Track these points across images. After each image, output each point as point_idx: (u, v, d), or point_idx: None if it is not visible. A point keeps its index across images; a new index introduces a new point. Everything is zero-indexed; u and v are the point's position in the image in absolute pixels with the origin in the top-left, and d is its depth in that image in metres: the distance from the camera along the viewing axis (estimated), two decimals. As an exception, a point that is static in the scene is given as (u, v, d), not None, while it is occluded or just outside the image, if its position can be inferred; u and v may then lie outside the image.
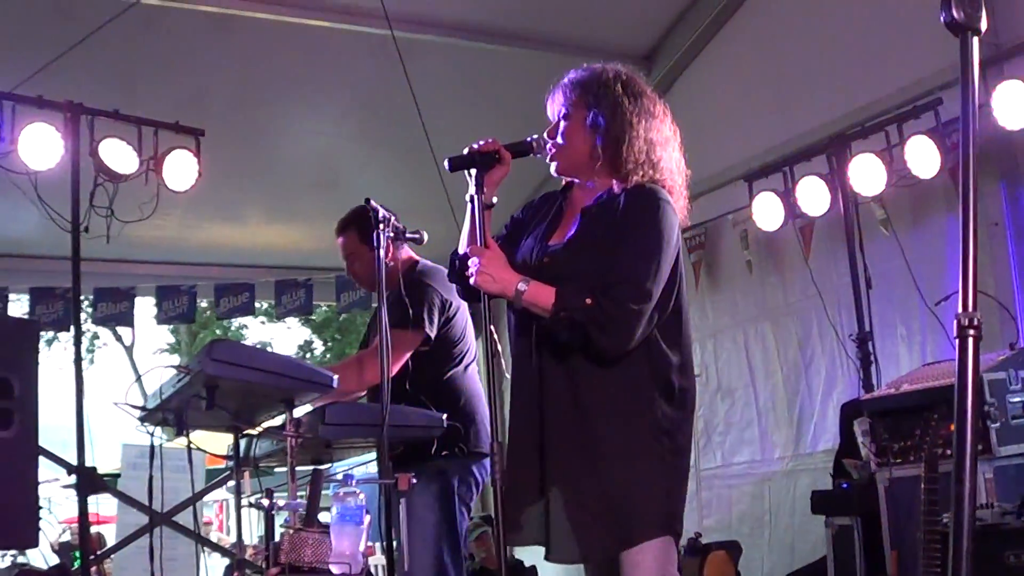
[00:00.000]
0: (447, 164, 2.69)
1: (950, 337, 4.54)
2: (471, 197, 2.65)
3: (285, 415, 3.30)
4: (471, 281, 2.57)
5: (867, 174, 5.08)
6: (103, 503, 5.45)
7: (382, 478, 3.19)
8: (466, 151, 2.67)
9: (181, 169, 5.39)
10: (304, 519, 3.02)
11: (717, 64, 6.57)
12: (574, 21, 6.40)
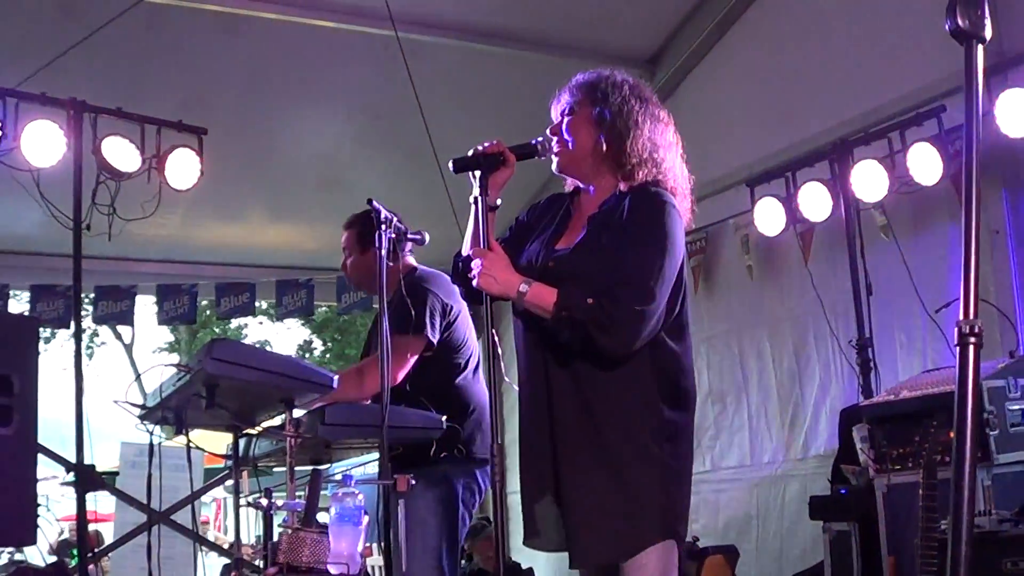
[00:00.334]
0: (451, 165, 2.67)
1: (950, 344, 4.55)
2: (475, 199, 2.64)
3: (285, 415, 3.30)
4: (474, 283, 2.56)
5: (869, 180, 5.08)
6: (101, 501, 5.44)
7: (381, 479, 3.19)
8: (471, 153, 2.65)
9: (183, 168, 5.39)
10: (302, 519, 3.02)
11: (721, 68, 6.56)
12: (579, 24, 6.40)
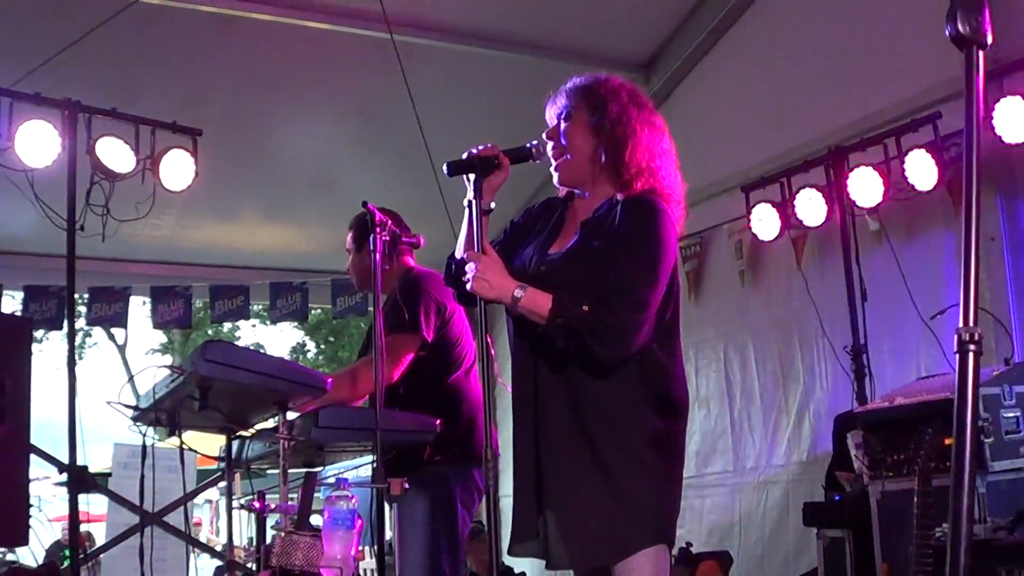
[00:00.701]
0: (446, 168, 2.66)
1: (945, 351, 4.55)
2: (469, 202, 2.63)
3: (278, 417, 3.29)
4: (467, 286, 2.55)
5: (865, 187, 5.08)
6: (93, 502, 5.43)
7: (374, 482, 3.18)
8: (465, 156, 2.64)
9: (178, 169, 5.37)
10: (296, 522, 3.00)
11: (716, 73, 6.56)
12: (575, 28, 6.40)
